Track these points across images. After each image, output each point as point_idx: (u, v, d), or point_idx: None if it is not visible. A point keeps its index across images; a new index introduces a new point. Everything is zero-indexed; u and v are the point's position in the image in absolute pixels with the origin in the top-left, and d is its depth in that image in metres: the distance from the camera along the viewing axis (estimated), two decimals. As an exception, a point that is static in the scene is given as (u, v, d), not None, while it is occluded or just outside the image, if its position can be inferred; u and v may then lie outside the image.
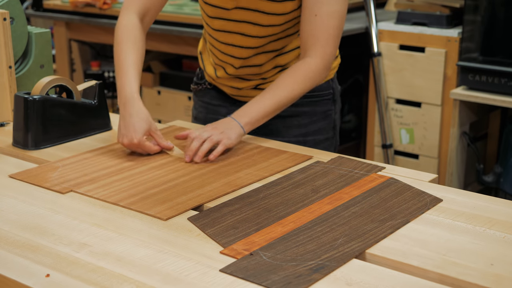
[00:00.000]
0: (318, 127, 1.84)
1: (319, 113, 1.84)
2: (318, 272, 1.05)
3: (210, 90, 1.91)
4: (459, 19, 2.91)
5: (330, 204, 1.31)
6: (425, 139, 2.99)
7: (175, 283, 1.04)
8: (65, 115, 1.70)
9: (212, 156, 1.54)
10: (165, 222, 1.25)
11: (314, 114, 1.84)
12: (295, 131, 1.82)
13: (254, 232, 1.20)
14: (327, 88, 1.84)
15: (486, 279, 1.04)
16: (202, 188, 1.40)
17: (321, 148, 1.82)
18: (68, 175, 1.47)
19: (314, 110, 1.83)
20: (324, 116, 1.85)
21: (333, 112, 1.87)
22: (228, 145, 1.56)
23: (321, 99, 1.83)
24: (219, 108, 1.89)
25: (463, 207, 1.31)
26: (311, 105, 1.83)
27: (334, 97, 1.86)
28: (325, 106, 1.85)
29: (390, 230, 1.20)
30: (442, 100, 2.91)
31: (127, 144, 1.56)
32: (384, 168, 1.51)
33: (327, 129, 1.86)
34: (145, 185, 1.42)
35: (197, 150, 1.55)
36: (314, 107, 1.83)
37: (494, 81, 2.67)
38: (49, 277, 1.05)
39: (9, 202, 1.34)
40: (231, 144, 1.57)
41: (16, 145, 1.66)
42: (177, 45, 3.34)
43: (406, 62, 2.97)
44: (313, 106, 1.83)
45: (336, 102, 1.88)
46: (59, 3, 3.75)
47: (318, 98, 1.83)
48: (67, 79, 1.74)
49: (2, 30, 1.79)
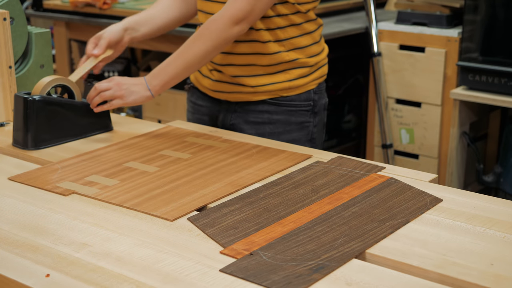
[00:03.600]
0: (292, 137, 1.81)
1: (294, 123, 1.82)
2: (318, 272, 1.05)
3: (196, 90, 1.93)
4: (459, 19, 2.91)
5: (330, 204, 1.31)
6: (425, 139, 2.99)
7: (175, 283, 1.04)
8: (65, 115, 1.70)
9: (94, 109, 1.70)
10: (165, 222, 1.25)
11: (288, 124, 1.81)
12: (268, 138, 1.78)
13: (254, 232, 1.20)
14: (306, 100, 1.82)
15: (486, 279, 1.04)
16: (205, 188, 1.40)
17: None
18: (69, 176, 1.47)
19: (289, 120, 1.81)
20: (300, 127, 1.83)
21: (311, 125, 1.84)
22: (118, 106, 1.67)
23: (297, 109, 1.81)
24: (202, 108, 1.90)
25: (463, 207, 1.31)
26: (286, 114, 1.81)
27: (314, 110, 1.84)
28: (302, 117, 1.82)
29: (390, 230, 1.20)
30: (442, 100, 2.91)
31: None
32: (384, 168, 1.51)
33: (302, 141, 1.83)
34: (148, 186, 1.42)
35: (92, 98, 1.69)
36: (288, 117, 1.81)
37: (494, 81, 2.67)
38: (49, 277, 1.05)
39: (9, 202, 1.34)
40: (123, 105, 1.67)
41: (16, 145, 1.66)
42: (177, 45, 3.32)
43: (406, 62, 2.97)
44: (287, 115, 1.81)
45: (317, 114, 1.85)
46: (59, 3, 3.75)
47: (294, 108, 1.81)
48: (67, 79, 1.74)
49: (2, 30, 1.79)
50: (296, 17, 1.76)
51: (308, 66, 1.80)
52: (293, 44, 1.78)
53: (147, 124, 1.86)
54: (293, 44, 1.78)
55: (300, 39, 1.79)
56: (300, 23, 1.78)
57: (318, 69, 1.84)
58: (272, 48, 1.76)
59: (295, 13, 1.76)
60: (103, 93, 1.67)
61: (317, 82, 1.84)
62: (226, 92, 1.82)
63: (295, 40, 1.78)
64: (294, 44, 1.78)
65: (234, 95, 1.81)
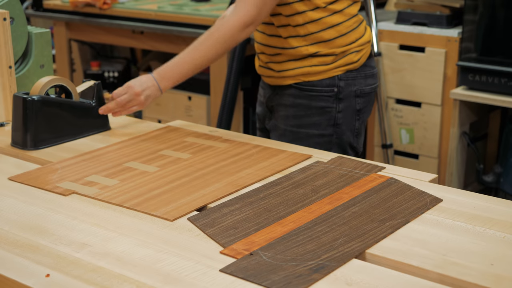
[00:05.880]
0: (313, 121, 1.86)
1: (315, 107, 1.86)
2: (318, 272, 1.05)
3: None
4: (459, 19, 2.91)
5: (330, 204, 1.31)
6: (425, 139, 2.99)
7: (175, 283, 1.04)
8: (63, 115, 1.70)
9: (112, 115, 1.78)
10: (165, 222, 1.25)
11: (309, 108, 1.86)
12: (291, 120, 1.88)
13: (254, 232, 1.20)
14: (329, 85, 1.85)
15: (486, 279, 1.04)
16: (205, 188, 1.40)
17: (316, 143, 1.85)
18: (69, 177, 1.47)
19: (309, 104, 1.86)
20: (321, 112, 1.86)
21: (334, 110, 1.87)
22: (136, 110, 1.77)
23: (318, 94, 1.85)
24: (261, 90, 2.03)
25: (463, 207, 1.31)
26: (307, 98, 1.86)
27: (338, 95, 1.86)
28: (323, 102, 1.86)
29: (390, 230, 1.20)
30: (442, 100, 2.91)
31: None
32: (384, 168, 1.51)
33: (324, 125, 1.87)
34: (148, 186, 1.42)
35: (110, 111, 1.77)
36: (309, 101, 1.86)
37: (494, 81, 2.67)
38: (49, 277, 1.05)
39: (9, 202, 1.34)
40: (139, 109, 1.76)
41: (15, 145, 1.66)
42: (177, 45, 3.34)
43: (406, 62, 2.97)
44: (308, 100, 1.86)
45: (343, 101, 1.87)
46: (59, 3, 3.75)
47: (315, 93, 1.85)
48: (65, 79, 1.74)
49: (2, 30, 1.79)
50: (315, 13, 1.80)
51: (332, 55, 1.84)
52: (315, 38, 1.82)
53: (147, 124, 1.86)
54: (315, 38, 1.82)
55: (322, 34, 1.82)
56: (320, 18, 1.80)
57: (345, 57, 1.85)
58: (292, 43, 1.83)
59: (314, 9, 1.79)
60: (126, 106, 1.75)
61: (344, 68, 1.86)
62: (266, 76, 1.93)
63: (317, 35, 1.81)
64: (316, 38, 1.82)
65: (270, 79, 1.92)
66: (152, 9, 3.43)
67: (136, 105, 1.74)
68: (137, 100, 1.73)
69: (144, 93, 1.73)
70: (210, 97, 3.26)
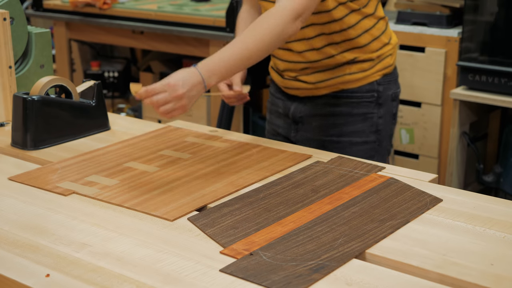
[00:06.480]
0: (355, 129, 1.80)
1: (356, 115, 1.80)
2: (318, 272, 1.05)
3: (273, 83, 1.96)
4: (459, 19, 2.91)
5: (330, 204, 1.31)
6: (425, 139, 2.99)
7: (175, 283, 1.04)
8: (63, 115, 1.70)
9: (165, 115, 1.43)
10: (165, 222, 1.25)
11: (350, 115, 1.80)
12: (330, 130, 1.81)
13: (254, 232, 1.20)
14: (369, 91, 1.80)
15: (486, 279, 1.04)
16: (205, 188, 1.40)
17: (359, 151, 1.80)
18: (69, 177, 1.47)
19: (351, 112, 1.80)
20: (363, 118, 1.81)
21: (375, 116, 1.82)
22: (178, 115, 1.45)
23: (359, 100, 1.80)
24: (278, 101, 1.93)
25: (463, 207, 1.31)
26: (347, 106, 1.80)
27: (378, 101, 1.81)
28: (364, 108, 1.80)
29: (390, 230, 1.20)
30: (442, 100, 2.91)
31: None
32: (384, 168, 1.51)
33: (366, 132, 1.81)
34: (148, 186, 1.42)
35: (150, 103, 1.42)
36: (350, 108, 1.80)
37: (494, 81, 2.67)
38: (49, 277, 1.05)
39: (9, 202, 1.34)
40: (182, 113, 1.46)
41: (15, 145, 1.66)
42: (177, 45, 3.34)
43: (406, 62, 2.97)
44: (349, 107, 1.80)
45: (382, 105, 1.82)
46: (59, 3, 3.75)
47: (356, 100, 1.79)
48: (65, 79, 1.74)
49: (2, 30, 1.79)
50: (351, 18, 1.74)
51: (369, 60, 1.79)
52: (352, 44, 1.77)
53: (147, 124, 1.86)
54: (352, 44, 1.77)
55: (359, 39, 1.77)
56: (356, 23, 1.75)
57: (382, 61, 1.81)
58: (328, 52, 1.77)
59: (349, 13, 1.73)
60: (164, 107, 1.41)
61: (381, 73, 1.82)
62: (293, 88, 1.85)
63: (353, 41, 1.76)
64: (352, 44, 1.77)
65: (300, 91, 1.84)
66: (152, 9, 3.43)
67: (177, 109, 1.41)
68: (179, 103, 1.41)
69: (188, 94, 1.41)
70: (210, 97, 3.26)
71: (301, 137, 1.85)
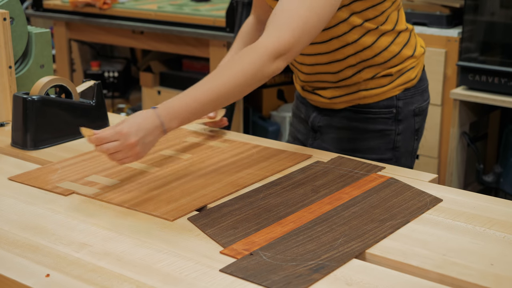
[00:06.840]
0: (370, 145, 1.70)
1: (372, 131, 1.70)
2: (318, 272, 1.05)
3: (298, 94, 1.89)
4: (459, 19, 2.91)
5: (330, 204, 1.31)
6: (425, 139, 2.99)
7: (175, 283, 1.04)
8: (63, 115, 1.70)
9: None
10: (165, 222, 1.25)
11: (366, 131, 1.70)
12: (344, 144, 1.72)
13: (254, 232, 1.20)
14: (387, 106, 1.69)
15: (486, 279, 1.04)
16: (205, 188, 1.40)
17: None
18: (69, 177, 1.47)
19: (366, 127, 1.70)
20: (380, 135, 1.70)
21: (393, 133, 1.70)
22: (130, 162, 1.35)
23: (376, 116, 1.69)
24: (300, 106, 1.85)
25: (463, 207, 1.31)
26: (363, 121, 1.70)
27: (397, 117, 1.70)
28: (381, 125, 1.70)
29: (390, 230, 1.20)
30: (442, 100, 2.91)
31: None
32: (384, 168, 1.51)
33: (382, 149, 1.71)
34: (148, 186, 1.42)
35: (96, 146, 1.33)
36: (366, 124, 1.70)
37: (494, 81, 2.67)
38: (49, 277, 1.05)
39: (9, 202, 1.34)
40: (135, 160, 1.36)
41: (15, 145, 1.66)
42: (177, 45, 3.34)
43: (406, 62, 2.97)
44: (365, 123, 1.70)
45: (402, 122, 1.71)
46: (59, 3, 3.75)
47: (373, 115, 1.69)
48: (65, 79, 1.74)
49: (2, 30, 1.79)
50: (366, 38, 1.62)
51: (388, 75, 1.68)
52: (367, 63, 1.65)
53: (147, 124, 1.85)
54: (367, 63, 1.65)
55: (376, 58, 1.65)
56: (372, 44, 1.63)
57: (403, 75, 1.69)
58: (344, 75, 1.67)
59: (365, 34, 1.61)
60: (106, 146, 1.31)
61: (402, 87, 1.69)
62: (312, 100, 1.76)
63: (370, 61, 1.65)
64: (369, 63, 1.65)
65: (319, 103, 1.75)
66: (152, 9, 3.43)
67: (129, 157, 1.33)
68: (131, 152, 1.32)
69: (142, 141, 1.32)
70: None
71: (317, 146, 1.76)
